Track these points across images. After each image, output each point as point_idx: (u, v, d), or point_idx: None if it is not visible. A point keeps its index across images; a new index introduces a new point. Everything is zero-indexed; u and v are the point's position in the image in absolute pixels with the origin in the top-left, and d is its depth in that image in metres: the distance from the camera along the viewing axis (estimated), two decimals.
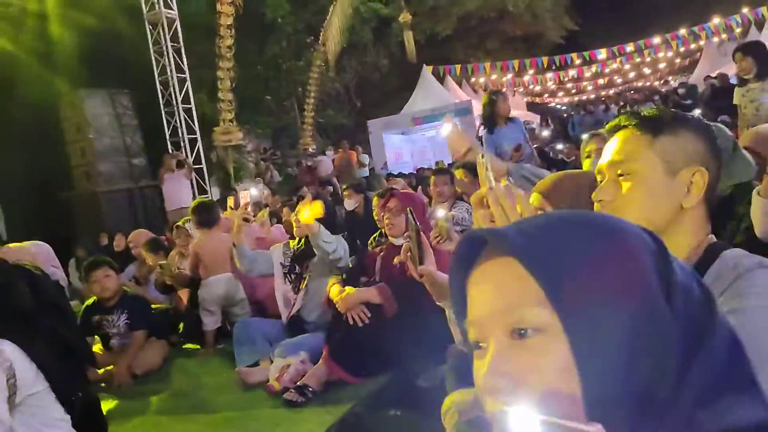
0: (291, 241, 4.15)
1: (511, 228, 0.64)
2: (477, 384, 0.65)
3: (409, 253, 1.68)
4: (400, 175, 10.33)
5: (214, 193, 12.31)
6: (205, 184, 12.26)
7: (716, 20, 17.24)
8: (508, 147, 5.18)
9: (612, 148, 1.24)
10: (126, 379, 3.92)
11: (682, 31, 18.02)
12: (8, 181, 12.55)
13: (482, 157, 1.19)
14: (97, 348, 4.23)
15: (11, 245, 3.59)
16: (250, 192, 3.80)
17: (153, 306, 4.69)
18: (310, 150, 16.27)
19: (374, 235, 4.41)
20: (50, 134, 11.21)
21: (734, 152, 2.39)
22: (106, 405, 3.45)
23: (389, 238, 3.54)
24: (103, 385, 3.91)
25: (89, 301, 4.34)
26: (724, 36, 17.87)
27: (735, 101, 4.88)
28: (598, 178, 1.27)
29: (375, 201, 4.08)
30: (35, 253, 3.56)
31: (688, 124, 1.21)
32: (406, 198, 3.51)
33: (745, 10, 16.89)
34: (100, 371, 4.00)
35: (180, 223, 5.28)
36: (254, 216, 4.66)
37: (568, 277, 0.58)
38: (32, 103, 11.14)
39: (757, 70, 4.60)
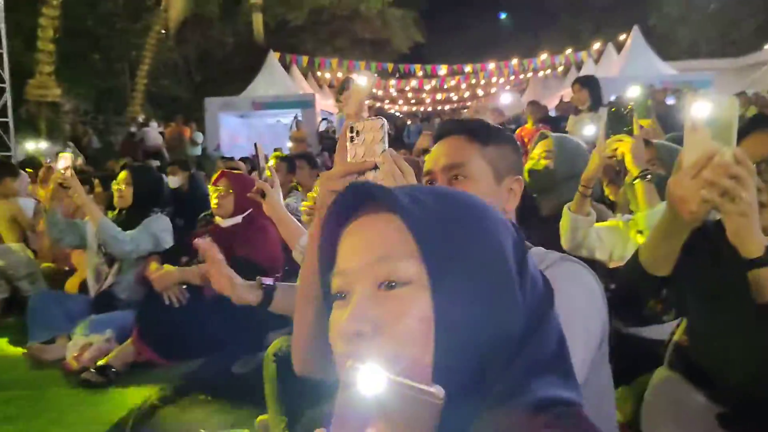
0: (110, 212, 3.84)
1: (395, 188, 0.68)
2: (335, 332, 0.67)
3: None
4: (242, 159, 9.95)
5: (19, 153, 11.07)
6: (9, 141, 11.00)
7: (543, 57, 18.99)
8: None
9: (444, 152, 1.30)
10: None
11: (514, 62, 19.53)
12: None
13: (382, 125, 1.06)
14: None
15: None
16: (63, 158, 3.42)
17: None
18: (139, 119, 15.15)
19: (204, 213, 4.24)
20: None
21: None
22: None
23: (216, 218, 3.41)
24: None
25: None
26: (548, 71, 19.71)
27: (568, 128, 5.16)
28: (425, 179, 1.33)
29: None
30: None
31: (507, 136, 1.37)
32: (236, 179, 3.39)
33: (568, 51, 18.81)
34: None
35: None
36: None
37: (443, 239, 0.63)
38: None
39: (590, 102, 5.01)
